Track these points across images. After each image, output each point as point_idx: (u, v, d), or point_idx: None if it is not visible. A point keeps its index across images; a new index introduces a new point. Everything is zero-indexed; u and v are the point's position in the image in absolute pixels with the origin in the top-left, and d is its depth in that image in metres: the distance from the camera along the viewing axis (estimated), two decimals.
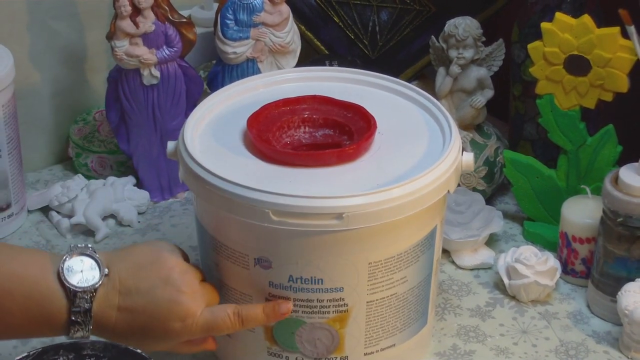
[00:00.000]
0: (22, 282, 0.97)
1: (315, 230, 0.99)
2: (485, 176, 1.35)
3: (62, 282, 0.97)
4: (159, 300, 1.00)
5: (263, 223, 0.99)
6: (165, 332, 1.01)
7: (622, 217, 1.15)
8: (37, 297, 0.97)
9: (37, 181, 1.43)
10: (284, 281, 1.03)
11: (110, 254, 1.03)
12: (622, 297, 1.13)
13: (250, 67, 1.35)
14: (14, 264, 0.98)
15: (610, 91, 1.23)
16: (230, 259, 1.05)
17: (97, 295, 0.99)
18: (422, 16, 1.46)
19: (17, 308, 0.97)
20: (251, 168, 1.05)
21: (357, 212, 0.98)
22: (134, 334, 1.00)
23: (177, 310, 1.00)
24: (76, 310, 0.98)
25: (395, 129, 1.10)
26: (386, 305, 1.05)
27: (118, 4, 1.29)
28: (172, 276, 1.01)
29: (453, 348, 1.16)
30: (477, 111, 1.33)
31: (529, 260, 1.21)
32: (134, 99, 1.35)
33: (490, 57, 1.32)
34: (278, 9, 1.33)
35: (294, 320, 1.04)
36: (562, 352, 1.15)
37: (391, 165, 1.05)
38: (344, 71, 1.19)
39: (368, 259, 1.02)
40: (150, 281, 1.00)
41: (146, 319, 1.00)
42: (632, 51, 1.19)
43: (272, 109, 1.11)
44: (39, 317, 0.98)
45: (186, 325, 1.01)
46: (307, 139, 1.11)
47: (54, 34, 1.41)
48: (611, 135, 1.25)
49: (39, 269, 0.98)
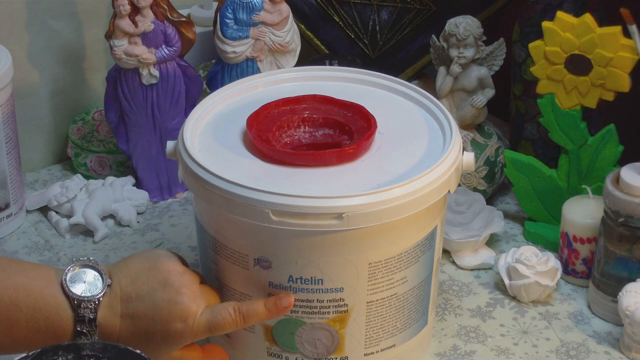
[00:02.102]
0: (28, 294, 0.98)
1: (315, 231, 0.99)
2: (485, 176, 1.35)
3: (66, 292, 0.99)
4: (158, 302, 1.00)
5: (263, 223, 0.99)
6: (168, 335, 1.01)
7: (623, 217, 1.15)
8: (43, 308, 0.98)
9: (36, 181, 1.43)
10: (283, 281, 1.03)
11: (111, 265, 1.04)
12: (623, 297, 1.13)
13: (249, 67, 1.35)
14: (19, 277, 0.99)
15: (612, 91, 1.23)
16: (230, 259, 1.04)
17: (101, 305, 1.00)
18: (423, 15, 1.46)
19: (23, 319, 0.98)
20: (251, 168, 1.05)
21: (357, 212, 0.98)
22: (138, 341, 1.01)
23: (177, 311, 1.01)
24: (81, 320, 0.99)
25: (396, 128, 1.10)
26: (386, 305, 1.05)
27: (117, 3, 1.29)
28: (170, 279, 1.01)
29: (453, 348, 1.16)
30: (478, 111, 1.33)
31: (529, 260, 1.21)
32: (133, 98, 1.34)
33: (491, 56, 1.32)
34: (278, 8, 1.33)
35: (294, 321, 1.04)
36: (562, 353, 1.15)
37: (391, 165, 1.05)
38: (344, 70, 1.19)
39: (368, 259, 1.02)
40: (149, 286, 1.01)
41: (148, 322, 1.00)
42: (634, 50, 1.19)
43: (272, 108, 1.11)
44: (44, 329, 0.99)
45: (187, 325, 1.01)
46: (307, 139, 1.11)
47: (52, 34, 1.41)
48: (612, 135, 1.25)
49: (44, 281, 0.99)
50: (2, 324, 0.98)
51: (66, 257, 1.29)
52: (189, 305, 1.01)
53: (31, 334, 0.98)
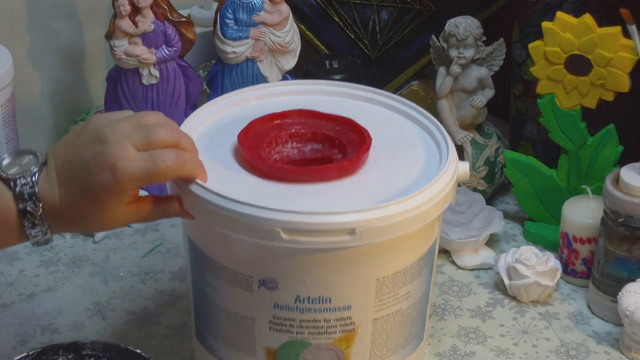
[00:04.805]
0: None
1: (325, 248, 0.96)
2: (485, 176, 1.35)
3: (1, 177, 0.96)
4: (85, 158, 0.96)
5: (273, 242, 0.95)
6: (102, 187, 0.95)
7: (623, 217, 1.15)
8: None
9: None
10: (290, 302, 0.99)
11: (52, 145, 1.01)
12: (623, 297, 1.13)
13: (249, 67, 1.35)
14: None
15: (612, 91, 1.23)
16: (232, 281, 1.00)
17: (40, 179, 0.96)
18: (423, 15, 1.46)
19: None
20: (249, 185, 1.01)
21: (369, 226, 0.95)
22: (79, 206, 0.96)
23: (103, 160, 0.95)
24: (21, 197, 0.95)
25: (387, 141, 1.08)
26: (391, 321, 1.03)
27: (117, 3, 1.29)
28: (98, 132, 0.96)
29: (453, 349, 1.16)
30: (478, 111, 1.33)
31: (529, 260, 1.21)
32: (133, 98, 1.35)
33: (491, 56, 1.32)
34: (278, 8, 1.33)
35: (299, 342, 1.01)
36: (562, 353, 1.15)
37: (392, 178, 1.03)
38: (335, 85, 1.16)
39: (376, 275, 1.00)
40: (79, 147, 0.97)
41: (81, 182, 0.96)
42: (634, 50, 1.19)
43: (260, 124, 1.07)
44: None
45: (117, 174, 0.95)
46: (296, 155, 1.08)
47: (53, 34, 1.41)
48: (612, 135, 1.25)
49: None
50: None
51: (66, 256, 1.29)
52: (113, 151, 0.95)
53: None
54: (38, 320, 1.18)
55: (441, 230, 1.25)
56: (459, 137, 1.33)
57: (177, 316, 1.19)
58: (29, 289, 1.23)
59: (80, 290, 1.23)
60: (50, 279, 1.25)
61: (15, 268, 1.27)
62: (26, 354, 1.00)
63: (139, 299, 1.22)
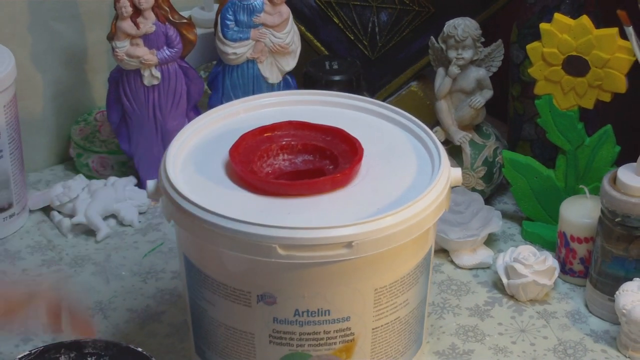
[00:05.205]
0: None
1: (322, 262, 0.96)
2: (484, 176, 1.35)
3: None
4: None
5: (270, 259, 0.95)
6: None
7: (620, 217, 1.15)
8: None
9: (39, 181, 1.44)
10: (289, 316, 0.99)
11: None
12: (620, 296, 1.14)
13: (250, 68, 1.36)
14: None
15: (609, 92, 1.23)
16: (230, 297, 1.00)
17: None
18: (422, 17, 1.46)
19: None
20: (243, 201, 1.00)
21: (366, 239, 0.95)
22: None
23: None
24: None
25: (378, 150, 1.07)
26: (390, 330, 1.03)
27: (119, 4, 1.30)
28: None
29: (452, 347, 1.16)
30: (476, 111, 1.33)
31: (527, 259, 1.21)
32: (134, 99, 1.35)
33: (489, 57, 1.33)
34: (278, 9, 1.34)
35: (300, 355, 1.01)
36: (560, 351, 1.16)
37: (386, 187, 1.02)
38: (324, 94, 1.15)
39: (374, 285, 1.00)
40: None
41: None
42: (631, 52, 1.19)
43: (250, 138, 1.07)
44: None
45: None
46: (288, 167, 1.07)
47: (55, 35, 1.41)
48: (609, 136, 1.25)
49: None
50: None
51: (68, 256, 1.29)
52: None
53: None
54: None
55: (440, 230, 1.26)
56: (457, 138, 1.34)
57: (178, 315, 1.20)
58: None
59: (82, 290, 1.23)
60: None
61: (17, 267, 1.27)
62: (29, 352, 1.00)
63: (140, 297, 1.23)
